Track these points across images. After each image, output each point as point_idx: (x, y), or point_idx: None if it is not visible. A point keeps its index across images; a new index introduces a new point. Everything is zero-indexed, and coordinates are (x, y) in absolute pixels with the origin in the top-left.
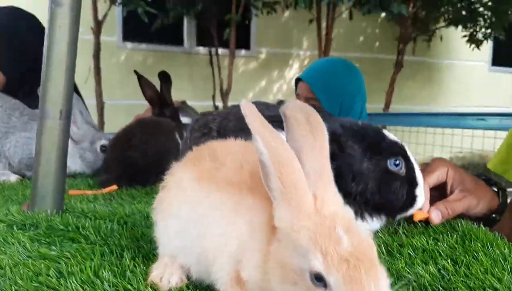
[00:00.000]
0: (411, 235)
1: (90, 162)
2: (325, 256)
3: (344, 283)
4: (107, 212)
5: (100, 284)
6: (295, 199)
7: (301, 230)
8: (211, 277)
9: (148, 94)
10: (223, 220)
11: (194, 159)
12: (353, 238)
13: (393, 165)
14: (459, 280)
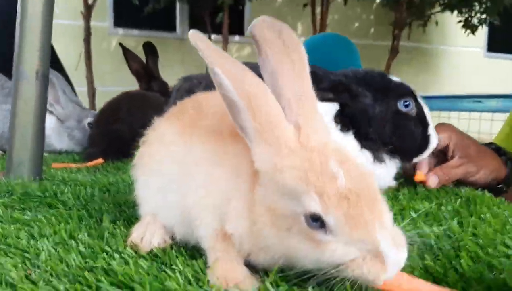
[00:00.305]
0: (413, 199)
1: (79, 140)
2: (321, 196)
3: (345, 223)
4: (90, 181)
5: (75, 246)
6: (274, 135)
7: (286, 169)
8: (195, 235)
9: (134, 67)
10: (206, 173)
11: (177, 113)
12: (350, 171)
13: (403, 106)
14: (467, 238)
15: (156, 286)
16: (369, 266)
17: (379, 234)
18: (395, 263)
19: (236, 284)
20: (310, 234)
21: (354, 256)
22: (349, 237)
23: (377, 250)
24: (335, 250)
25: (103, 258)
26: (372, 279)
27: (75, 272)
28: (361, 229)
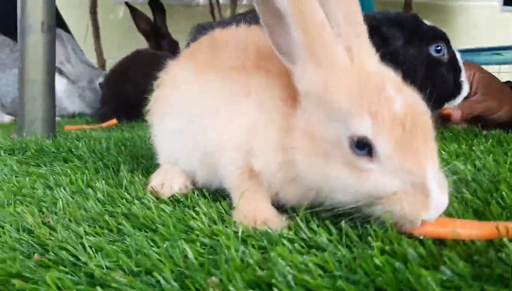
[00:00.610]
0: (441, 142)
1: (90, 101)
2: (374, 117)
3: (396, 150)
4: (104, 137)
5: (93, 194)
6: (326, 53)
7: (340, 88)
8: (218, 176)
9: (142, 27)
10: (227, 108)
11: (191, 52)
12: (407, 98)
13: (434, 51)
14: (505, 173)
15: (180, 227)
16: (411, 202)
17: (429, 169)
18: (438, 204)
19: (264, 222)
20: (352, 161)
21: (396, 188)
22: (397, 165)
23: (423, 184)
24: (377, 181)
25: (122, 204)
26: (412, 215)
27: (95, 216)
28: (412, 159)
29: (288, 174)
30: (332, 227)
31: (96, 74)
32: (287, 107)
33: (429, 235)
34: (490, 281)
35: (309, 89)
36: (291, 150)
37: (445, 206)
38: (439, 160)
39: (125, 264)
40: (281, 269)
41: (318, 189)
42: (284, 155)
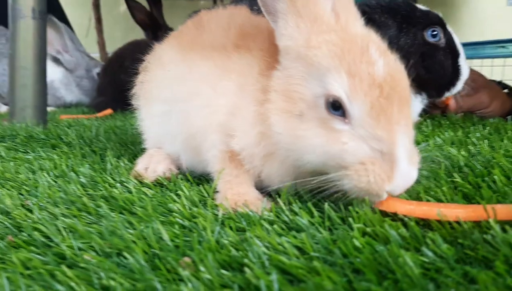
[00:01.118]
0: (437, 129)
1: (88, 90)
2: (352, 77)
3: (370, 113)
4: (96, 124)
5: (76, 178)
6: (309, 8)
7: (322, 44)
8: (201, 159)
9: (139, 17)
10: (208, 90)
11: (177, 33)
12: (390, 64)
13: (430, 36)
14: (500, 157)
15: (160, 209)
16: (376, 174)
17: (400, 138)
18: (404, 177)
19: (246, 204)
20: (325, 121)
21: (364, 155)
22: (368, 130)
23: (392, 154)
24: (346, 143)
25: (105, 188)
26: (377, 187)
27: (74, 199)
28: (384, 125)
29: (268, 146)
30: (314, 209)
31: (93, 64)
32: (265, 79)
33: (412, 215)
34: (473, 264)
35: (289, 45)
36: (268, 114)
37: (413, 178)
38: (414, 130)
39: (98, 245)
40: (257, 250)
41: (293, 152)
42: (262, 125)
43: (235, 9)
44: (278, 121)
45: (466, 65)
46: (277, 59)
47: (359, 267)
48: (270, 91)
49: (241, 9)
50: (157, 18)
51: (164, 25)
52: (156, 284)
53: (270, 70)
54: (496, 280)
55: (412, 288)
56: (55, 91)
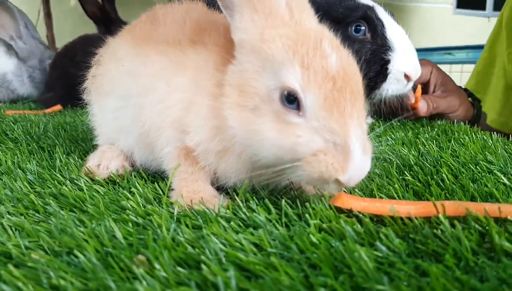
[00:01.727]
0: (388, 129)
1: (39, 83)
2: (306, 69)
3: (323, 105)
4: (44, 120)
5: (22, 175)
6: (264, 2)
7: (276, 38)
8: (156, 156)
9: (90, 10)
10: (162, 86)
11: (131, 27)
12: (343, 58)
13: (353, 31)
14: (447, 157)
15: (112, 207)
16: (328, 163)
17: (353, 130)
18: (358, 168)
19: (201, 201)
20: (279, 114)
21: (318, 147)
22: (321, 123)
23: (345, 145)
24: (300, 137)
25: (53, 185)
26: (329, 176)
27: (20, 197)
28: (337, 117)
29: (223, 141)
30: (271, 206)
31: (47, 55)
32: (220, 74)
33: (366, 212)
34: (424, 257)
35: (244, 39)
36: (223, 107)
37: (367, 168)
38: (367, 125)
39: (47, 244)
40: (213, 247)
41: (248, 147)
42: (217, 119)
43: (191, 4)
44: (232, 116)
45: (402, 62)
46: (233, 55)
47: (315, 262)
48: (225, 86)
49: (197, 4)
50: (110, 12)
51: (117, 19)
52: (109, 283)
53: (225, 66)
54: (446, 272)
55: (366, 282)
56: (8, 84)
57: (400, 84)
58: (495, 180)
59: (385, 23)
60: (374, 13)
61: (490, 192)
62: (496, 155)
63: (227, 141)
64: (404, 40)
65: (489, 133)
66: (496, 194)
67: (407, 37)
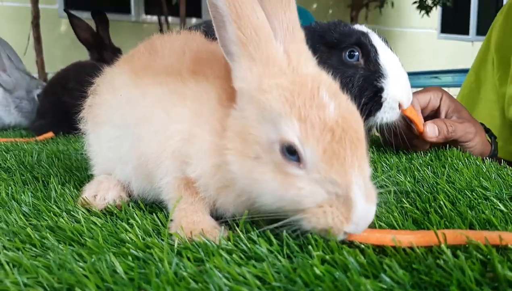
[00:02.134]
0: (382, 154)
1: (28, 112)
2: (303, 122)
3: (323, 158)
4: (37, 149)
5: (17, 207)
6: (261, 50)
7: (273, 88)
8: (154, 187)
9: (83, 36)
10: (162, 116)
11: (128, 57)
12: (341, 106)
13: (347, 57)
14: (443, 184)
15: (111, 240)
16: (334, 216)
17: (355, 179)
18: (362, 216)
19: (202, 233)
20: (280, 166)
21: (321, 199)
22: (322, 175)
23: (347, 196)
24: (302, 189)
25: (49, 217)
26: (335, 229)
27: (16, 230)
28: (337, 169)
29: (223, 179)
30: (272, 237)
31: (34, 84)
32: (223, 109)
33: (367, 242)
34: (428, 288)
35: (243, 88)
36: (225, 151)
37: (371, 217)
38: (370, 169)
39: (46, 280)
40: (217, 281)
41: (249, 192)
42: (219, 158)
43: (189, 35)
44: (235, 162)
45: (395, 89)
46: (235, 92)
47: None
48: (228, 130)
49: (196, 35)
50: (103, 37)
51: (110, 45)
52: None
53: (229, 102)
54: None
55: None
56: None
57: (394, 112)
58: (492, 207)
59: (378, 49)
60: (368, 39)
61: (487, 219)
62: (490, 181)
63: (228, 181)
64: (397, 67)
65: (481, 158)
66: (494, 221)
67: (400, 64)
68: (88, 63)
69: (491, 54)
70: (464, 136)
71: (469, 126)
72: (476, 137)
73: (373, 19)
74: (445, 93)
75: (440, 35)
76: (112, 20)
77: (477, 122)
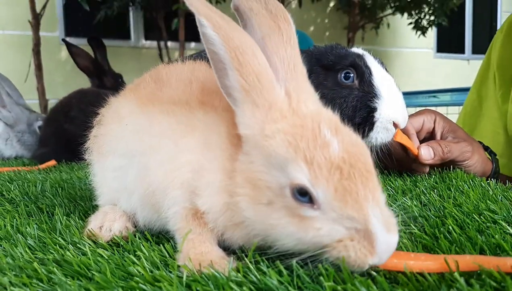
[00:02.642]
0: (386, 177)
1: (30, 145)
2: (310, 165)
3: (336, 197)
4: (40, 178)
5: (23, 240)
6: (263, 96)
7: (276, 134)
8: (161, 217)
9: (82, 64)
10: (171, 146)
11: (133, 86)
12: (344, 141)
13: (342, 78)
14: (450, 207)
15: (118, 273)
16: (356, 249)
17: (371, 212)
18: (385, 247)
19: (210, 265)
20: (294, 209)
21: (341, 235)
22: (338, 213)
23: (367, 229)
24: (320, 229)
25: (55, 250)
26: (358, 264)
27: (23, 265)
28: (352, 204)
29: (232, 218)
30: (282, 267)
31: (34, 117)
32: (232, 147)
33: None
34: None
35: (248, 134)
36: (235, 195)
37: (394, 246)
38: (384, 197)
39: None
40: None
41: (266, 236)
42: (228, 198)
43: (195, 64)
44: (248, 209)
45: (389, 109)
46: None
47: None
48: (238, 174)
49: (201, 64)
50: (102, 64)
51: (110, 71)
52: None
53: (238, 140)
54: None
55: None
56: None
57: (389, 133)
58: (501, 231)
59: (373, 70)
60: (363, 61)
61: (497, 243)
62: (498, 204)
63: (239, 220)
64: (391, 88)
65: (485, 179)
66: (504, 246)
67: (394, 84)
68: (91, 91)
69: (492, 71)
70: (461, 156)
71: (465, 145)
72: (474, 156)
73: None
74: (438, 114)
75: (436, 54)
76: (112, 46)
77: (474, 141)
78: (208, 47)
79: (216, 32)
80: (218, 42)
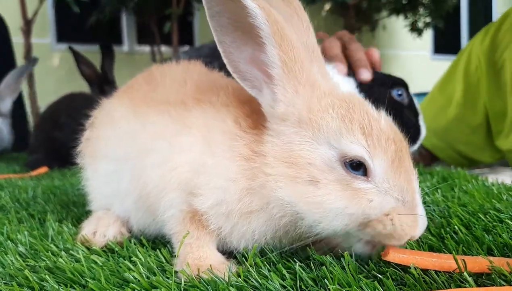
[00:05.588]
0: None
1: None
2: (368, 136)
3: (392, 167)
4: (32, 185)
5: (13, 247)
6: (305, 73)
7: (328, 107)
8: (157, 221)
9: (87, 72)
10: (165, 146)
11: (126, 88)
12: (386, 118)
13: (396, 94)
14: (455, 207)
15: (114, 280)
16: (402, 222)
17: (416, 184)
18: (424, 219)
19: (210, 269)
20: (346, 182)
21: (391, 207)
22: (391, 184)
23: (413, 201)
24: (372, 200)
25: (47, 257)
26: (402, 233)
27: (13, 273)
28: (404, 176)
29: (251, 203)
30: (285, 270)
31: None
32: (247, 135)
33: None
34: None
35: (289, 112)
36: (261, 176)
37: (426, 220)
38: None
39: None
40: None
41: (305, 218)
42: (249, 182)
43: (189, 64)
44: (283, 189)
45: (424, 126)
46: (258, 121)
47: None
48: (266, 156)
49: (196, 64)
50: (108, 73)
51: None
52: None
53: (257, 129)
54: None
55: None
56: None
57: None
58: (508, 229)
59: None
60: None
61: (505, 242)
62: (503, 203)
63: (261, 203)
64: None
65: (487, 178)
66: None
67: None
68: (79, 95)
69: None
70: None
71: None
72: None
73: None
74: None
75: (433, 56)
76: None
77: None
78: (224, 26)
79: (257, 3)
80: (260, 14)
